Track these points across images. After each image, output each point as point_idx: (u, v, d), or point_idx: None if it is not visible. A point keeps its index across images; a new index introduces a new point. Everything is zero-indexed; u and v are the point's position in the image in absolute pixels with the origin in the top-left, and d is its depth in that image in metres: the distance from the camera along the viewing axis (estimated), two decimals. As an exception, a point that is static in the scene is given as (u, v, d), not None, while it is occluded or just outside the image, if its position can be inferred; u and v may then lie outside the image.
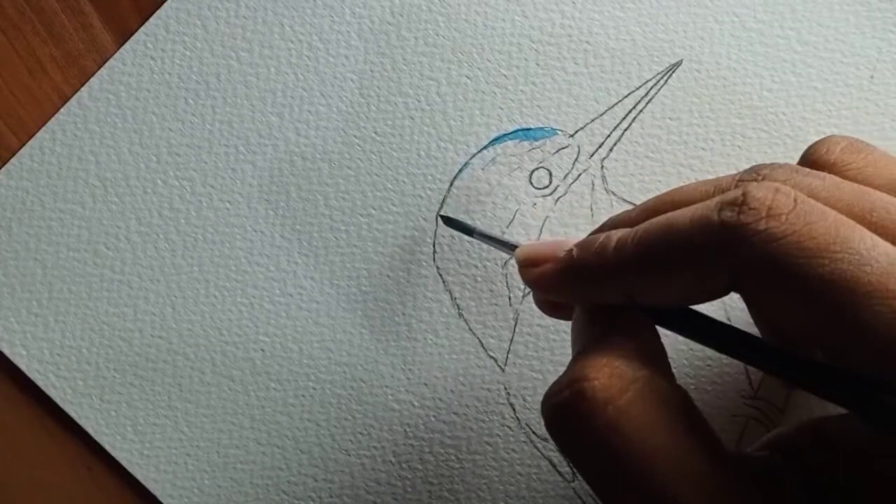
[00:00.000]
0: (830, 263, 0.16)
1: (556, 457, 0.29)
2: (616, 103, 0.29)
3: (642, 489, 0.17)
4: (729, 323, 0.20)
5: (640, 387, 0.18)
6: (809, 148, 0.21)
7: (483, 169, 0.30)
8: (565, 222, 0.29)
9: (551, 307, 0.24)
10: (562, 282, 0.21)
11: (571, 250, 0.21)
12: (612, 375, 0.18)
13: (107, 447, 0.30)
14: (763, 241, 0.17)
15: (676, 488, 0.17)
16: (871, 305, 0.16)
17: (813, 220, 0.17)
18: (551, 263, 0.21)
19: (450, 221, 0.29)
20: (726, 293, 0.18)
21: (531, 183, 0.29)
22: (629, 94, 0.29)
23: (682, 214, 0.18)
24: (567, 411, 0.18)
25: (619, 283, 0.19)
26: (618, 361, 0.18)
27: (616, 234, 0.19)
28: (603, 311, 0.20)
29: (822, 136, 0.21)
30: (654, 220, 0.19)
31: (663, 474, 0.17)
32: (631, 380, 0.18)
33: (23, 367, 0.30)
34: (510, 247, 0.26)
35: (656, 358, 0.19)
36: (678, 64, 0.29)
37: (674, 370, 0.19)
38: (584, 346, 0.19)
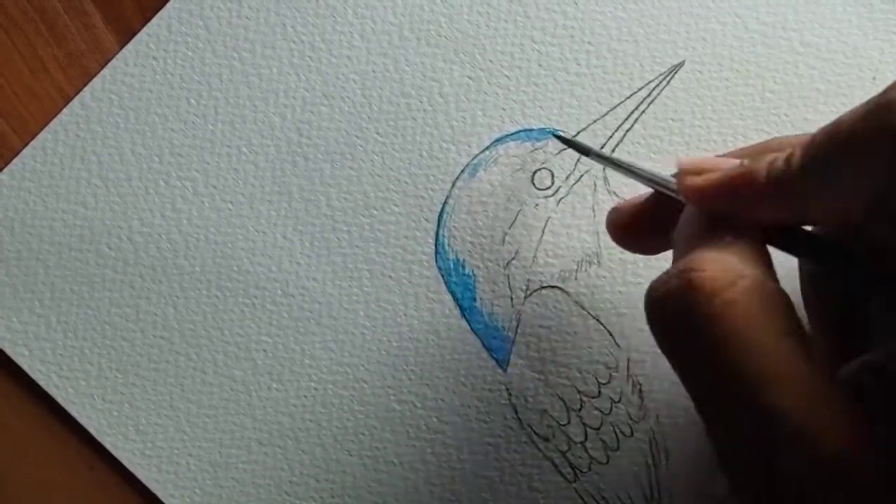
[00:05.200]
0: None
1: (558, 457, 0.29)
2: (618, 104, 0.29)
3: (736, 383, 0.16)
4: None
5: (749, 283, 0.17)
6: None
7: (485, 170, 0.30)
8: (567, 223, 0.29)
9: (635, 239, 0.24)
10: (730, 192, 0.20)
11: (743, 161, 0.20)
12: (723, 268, 0.17)
13: (109, 447, 0.30)
14: None
15: (769, 386, 0.16)
16: None
17: None
18: (719, 173, 0.20)
19: (566, 140, 0.28)
20: (875, 211, 0.18)
21: (533, 184, 0.29)
22: (631, 95, 0.29)
23: (845, 112, 0.18)
24: (673, 298, 0.18)
25: (788, 193, 0.19)
26: (728, 257, 0.18)
27: (786, 148, 0.19)
28: (717, 220, 0.20)
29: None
30: (820, 128, 0.18)
31: (759, 371, 0.16)
32: (740, 275, 0.17)
33: (25, 367, 0.30)
34: (638, 174, 0.25)
35: (764, 260, 0.19)
36: (680, 65, 0.29)
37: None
38: (694, 241, 0.19)
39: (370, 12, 0.30)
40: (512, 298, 0.29)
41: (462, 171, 0.30)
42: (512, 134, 0.30)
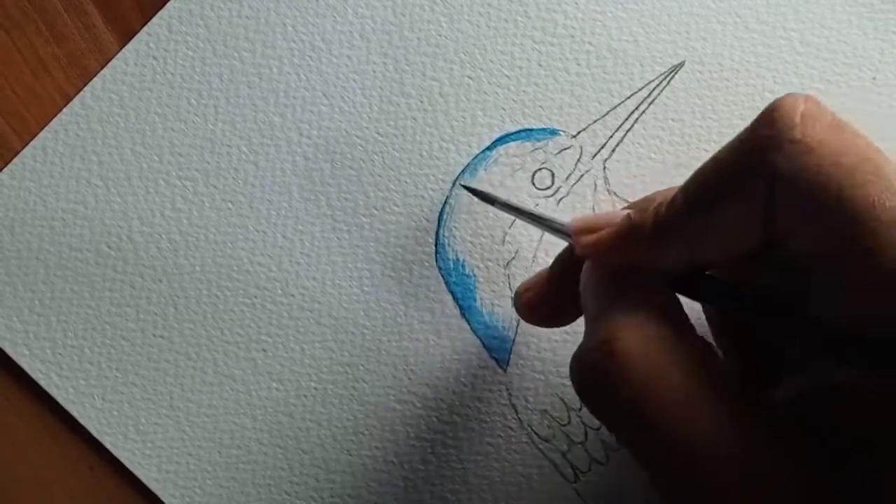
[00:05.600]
0: (862, 185, 0.16)
1: (558, 458, 0.29)
2: (618, 104, 0.29)
3: (673, 442, 0.17)
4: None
5: (668, 343, 0.18)
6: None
7: (485, 169, 0.30)
8: (567, 223, 0.29)
9: (543, 316, 0.25)
10: (621, 245, 0.21)
11: (628, 214, 0.21)
12: (639, 334, 0.18)
13: (109, 447, 0.30)
14: (798, 153, 0.17)
15: (706, 438, 0.17)
16: (892, 236, 0.16)
17: (846, 135, 0.17)
18: (609, 229, 0.21)
19: (473, 191, 0.28)
20: (764, 241, 0.18)
21: (533, 184, 0.29)
22: (632, 94, 0.29)
23: (721, 149, 0.18)
24: (598, 371, 0.18)
25: (676, 238, 0.19)
26: (643, 319, 0.18)
27: (671, 191, 0.20)
28: (621, 273, 0.20)
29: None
30: (697, 169, 0.19)
31: (694, 426, 0.17)
32: (657, 336, 0.18)
33: (25, 367, 0.30)
34: (535, 218, 0.25)
35: (677, 314, 0.19)
36: (680, 65, 0.29)
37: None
38: (606, 308, 0.20)
39: (370, 12, 0.30)
40: (512, 298, 0.29)
41: (462, 170, 0.30)
42: (512, 134, 0.30)
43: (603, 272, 0.21)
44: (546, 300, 0.25)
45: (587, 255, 0.22)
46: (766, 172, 0.17)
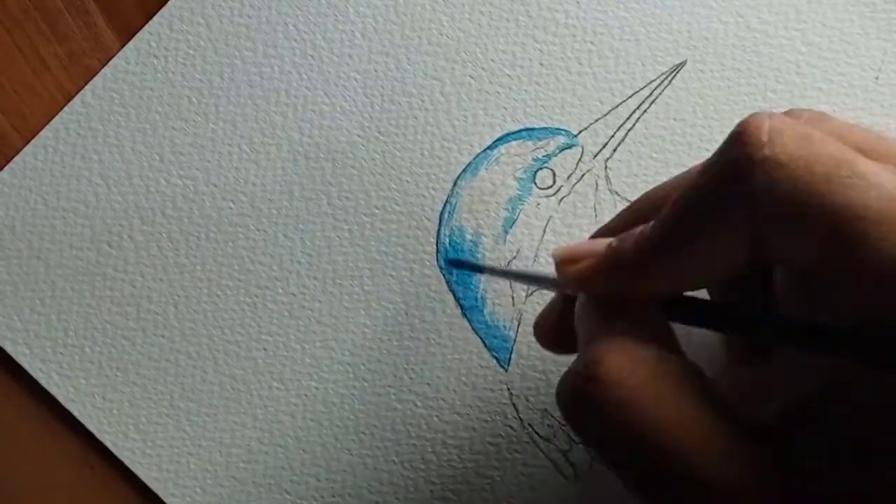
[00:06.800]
0: (840, 189, 0.16)
1: (559, 457, 0.29)
2: (620, 103, 0.29)
3: (659, 463, 0.17)
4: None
5: (651, 365, 0.18)
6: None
7: (486, 169, 0.30)
8: (569, 223, 0.29)
9: (556, 343, 0.25)
10: (604, 275, 0.21)
11: (611, 243, 0.21)
12: (622, 357, 0.18)
13: (109, 446, 0.30)
14: (770, 169, 0.17)
15: (691, 458, 0.17)
16: (881, 231, 0.16)
17: (815, 145, 0.17)
18: (592, 258, 0.21)
19: (459, 263, 0.29)
20: (751, 260, 0.18)
21: (535, 183, 0.29)
22: (633, 94, 0.29)
23: (690, 174, 0.18)
24: (581, 396, 0.18)
25: (657, 268, 0.19)
26: (626, 343, 0.18)
27: (652, 221, 0.20)
28: (607, 300, 0.20)
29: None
30: (676, 194, 0.19)
31: (678, 447, 0.17)
32: (641, 359, 0.18)
33: (25, 366, 0.30)
34: (523, 277, 0.26)
35: (663, 335, 0.19)
36: (682, 64, 0.29)
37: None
38: (593, 334, 0.20)
39: (372, 11, 0.30)
40: (513, 297, 0.29)
41: (464, 170, 0.30)
42: (513, 133, 0.30)
43: (590, 299, 0.21)
44: (556, 329, 0.25)
45: (572, 286, 0.22)
46: (744, 195, 0.17)
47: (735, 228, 0.18)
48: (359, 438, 0.29)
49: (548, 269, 0.29)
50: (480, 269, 0.28)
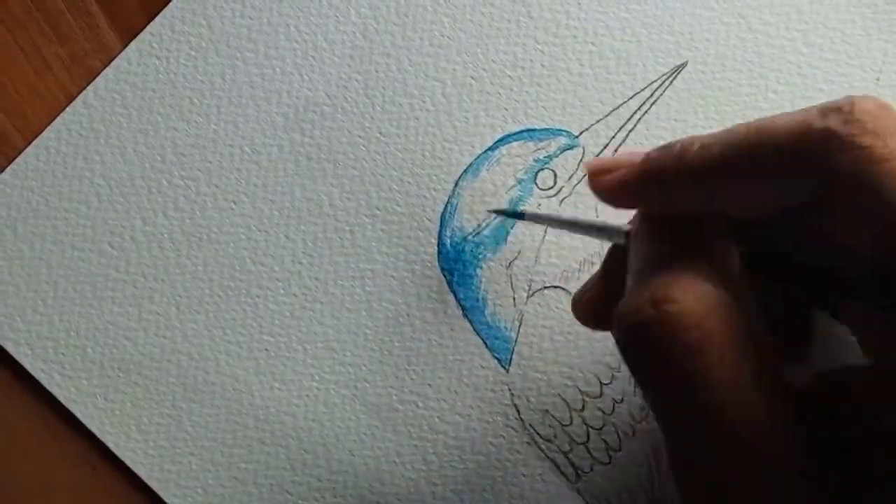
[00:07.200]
0: None
1: (560, 458, 0.29)
2: (621, 104, 0.29)
3: (708, 416, 0.16)
4: None
5: (725, 312, 0.17)
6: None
7: (488, 170, 0.30)
8: (570, 223, 0.29)
9: (595, 319, 0.24)
10: (637, 186, 0.20)
11: (648, 154, 0.20)
12: (698, 298, 0.17)
13: (111, 446, 0.30)
14: (862, 160, 0.16)
15: (738, 420, 0.16)
16: None
17: None
18: (625, 169, 0.20)
19: (500, 212, 0.29)
20: (798, 206, 0.18)
21: (536, 184, 0.29)
22: (634, 95, 0.29)
23: (779, 118, 0.18)
24: (648, 331, 0.17)
25: (700, 187, 0.19)
26: (703, 283, 0.17)
27: (700, 138, 0.19)
28: (678, 225, 0.19)
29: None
30: (745, 124, 0.18)
31: (731, 405, 0.16)
32: (716, 304, 0.17)
33: (27, 366, 0.30)
34: (565, 223, 0.25)
35: (737, 280, 0.18)
36: (683, 65, 0.29)
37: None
38: (660, 263, 0.19)
39: (373, 12, 0.30)
40: (514, 298, 0.29)
41: (465, 170, 0.30)
42: (515, 134, 0.30)
43: (654, 223, 0.20)
44: (601, 300, 0.24)
45: (603, 196, 0.21)
46: (825, 166, 0.17)
47: (796, 187, 0.17)
48: (360, 439, 0.29)
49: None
50: (521, 216, 0.27)
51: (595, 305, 0.24)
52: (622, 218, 0.22)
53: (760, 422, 0.16)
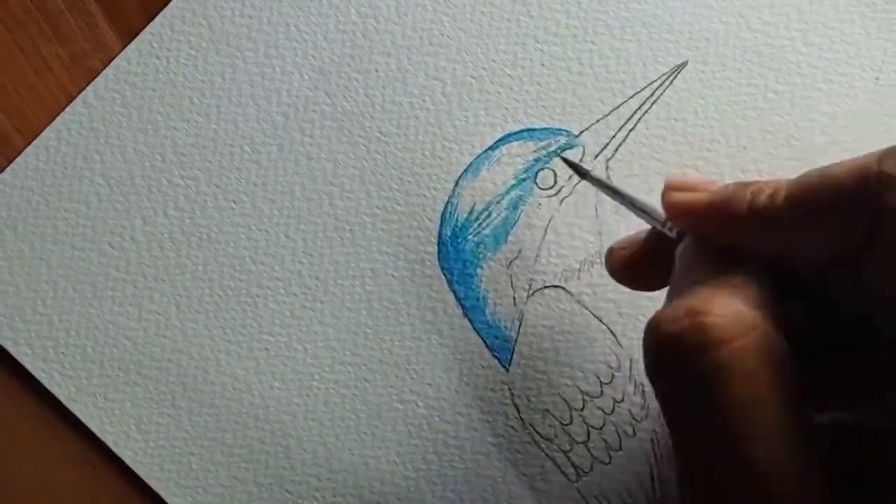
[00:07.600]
0: None
1: (560, 457, 0.29)
2: (621, 104, 0.29)
3: (726, 437, 0.16)
4: None
5: (758, 336, 0.17)
6: None
7: (488, 169, 0.30)
8: (570, 223, 0.29)
9: (636, 277, 0.24)
10: (711, 212, 0.20)
11: (727, 184, 0.20)
12: (735, 317, 0.17)
13: (111, 445, 0.30)
14: None
15: (759, 447, 0.16)
16: None
17: None
18: (704, 192, 0.21)
19: (568, 162, 0.29)
20: (855, 252, 0.18)
21: (536, 183, 0.29)
22: (634, 94, 0.29)
23: (840, 165, 0.18)
24: (679, 341, 0.17)
25: (766, 228, 0.19)
26: (741, 303, 0.18)
27: (771, 183, 0.19)
28: (722, 250, 0.20)
29: (827, 137, 0.22)
30: (809, 172, 0.19)
31: (753, 430, 0.16)
32: (751, 326, 0.17)
33: (27, 366, 0.30)
34: (624, 198, 0.25)
35: (772, 303, 0.18)
36: (683, 65, 0.29)
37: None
38: (703, 279, 0.19)
39: (373, 11, 0.30)
40: (514, 298, 0.29)
41: (465, 170, 0.30)
42: (515, 133, 0.30)
43: (705, 246, 0.20)
44: (638, 262, 0.24)
45: (672, 213, 0.21)
46: (875, 207, 0.17)
47: (851, 229, 0.18)
48: (360, 438, 0.29)
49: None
50: (584, 175, 0.27)
51: (626, 262, 0.24)
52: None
53: (781, 452, 0.16)
